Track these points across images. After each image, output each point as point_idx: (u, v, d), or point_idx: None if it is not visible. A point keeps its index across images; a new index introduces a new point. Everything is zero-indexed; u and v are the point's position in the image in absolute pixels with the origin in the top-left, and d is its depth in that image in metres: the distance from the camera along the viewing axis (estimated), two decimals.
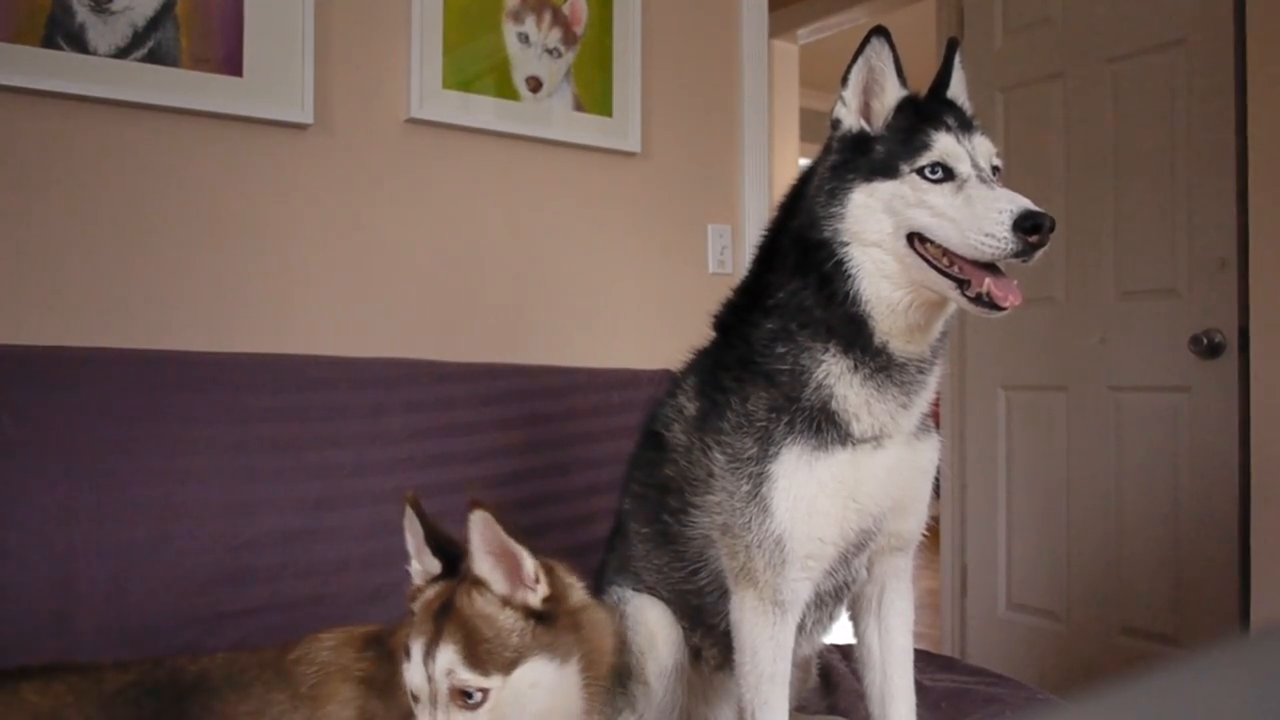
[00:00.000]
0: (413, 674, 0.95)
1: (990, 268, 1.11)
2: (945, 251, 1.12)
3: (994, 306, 1.11)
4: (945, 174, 1.13)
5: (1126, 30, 2.72)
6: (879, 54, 1.19)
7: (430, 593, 1.02)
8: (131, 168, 1.84)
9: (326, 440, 1.65)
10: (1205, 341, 2.51)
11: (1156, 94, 2.65)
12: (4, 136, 1.73)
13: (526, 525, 1.78)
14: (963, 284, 1.12)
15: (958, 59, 1.25)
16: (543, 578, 1.00)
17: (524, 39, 2.26)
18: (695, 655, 1.37)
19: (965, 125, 1.18)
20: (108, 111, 1.81)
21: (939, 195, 1.12)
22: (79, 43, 1.77)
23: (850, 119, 1.20)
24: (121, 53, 1.80)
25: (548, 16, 2.29)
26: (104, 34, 1.79)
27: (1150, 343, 2.67)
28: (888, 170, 1.15)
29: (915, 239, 1.14)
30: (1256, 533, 2.37)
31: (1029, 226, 1.06)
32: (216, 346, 1.80)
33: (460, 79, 2.17)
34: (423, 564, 1.06)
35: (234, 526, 1.53)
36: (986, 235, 1.08)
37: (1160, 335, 2.64)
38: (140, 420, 1.51)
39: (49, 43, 1.74)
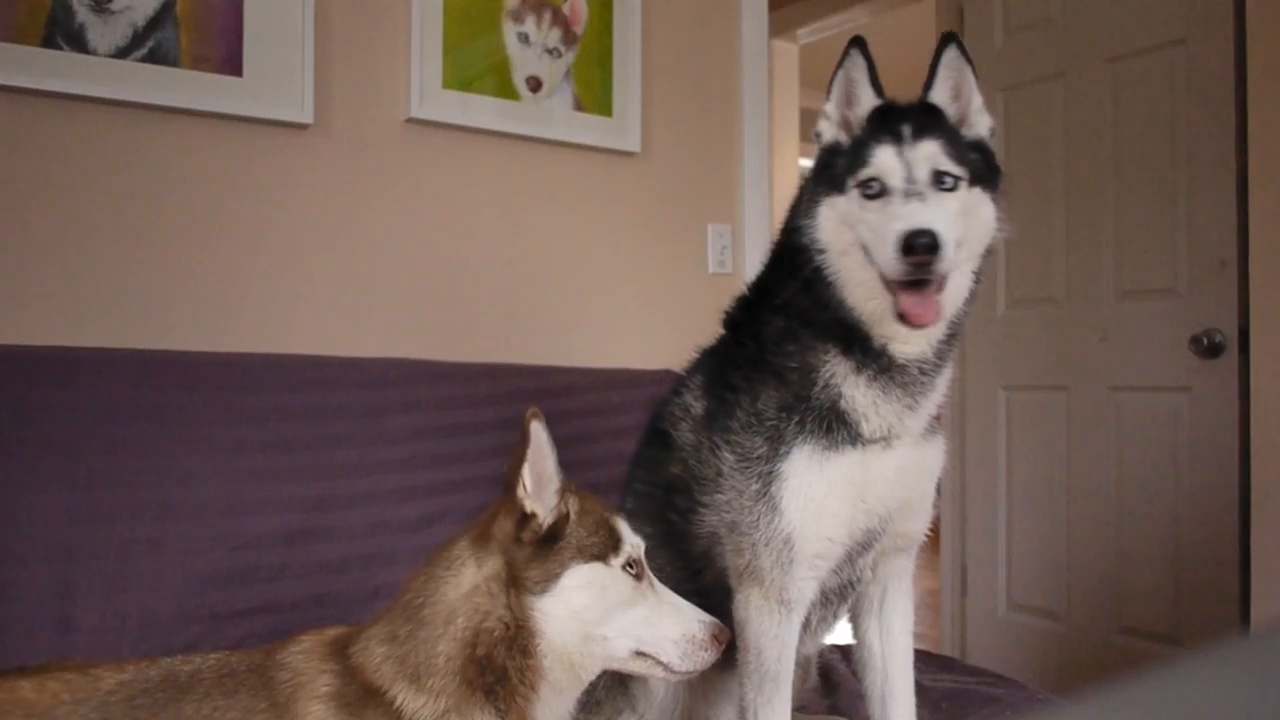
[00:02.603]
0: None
1: (917, 284, 1.09)
2: None
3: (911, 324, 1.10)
4: (881, 189, 1.13)
5: (1126, 30, 2.72)
6: (855, 64, 1.21)
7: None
8: (131, 168, 1.84)
9: (326, 440, 1.65)
10: (1205, 341, 2.51)
11: (1156, 94, 2.65)
12: (4, 136, 1.73)
13: None
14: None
15: (951, 52, 1.21)
16: None
17: (524, 39, 2.26)
18: None
19: (921, 131, 1.14)
20: (108, 111, 1.81)
21: (871, 212, 1.13)
22: (79, 43, 1.77)
23: (830, 131, 1.22)
24: (121, 53, 1.80)
25: (548, 16, 2.29)
26: (104, 34, 1.79)
27: (1150, 343, 2.67)
28: (839, 184, 1.17)
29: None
30: (1256, 533, 2.37)
31: (905, 248, 1.06)
32: (216, 346, 1.80)
33: (460, 79, 2.17)
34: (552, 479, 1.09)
35: (234, 526, 1.53)
36: (887, 256, 1.08)
37: (1160, 335, 2.64)
38: (140, 420, 1.51)
39: (49, 43, 1.74)
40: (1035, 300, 2.98)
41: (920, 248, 1.05)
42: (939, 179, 1.12)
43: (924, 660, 1.60)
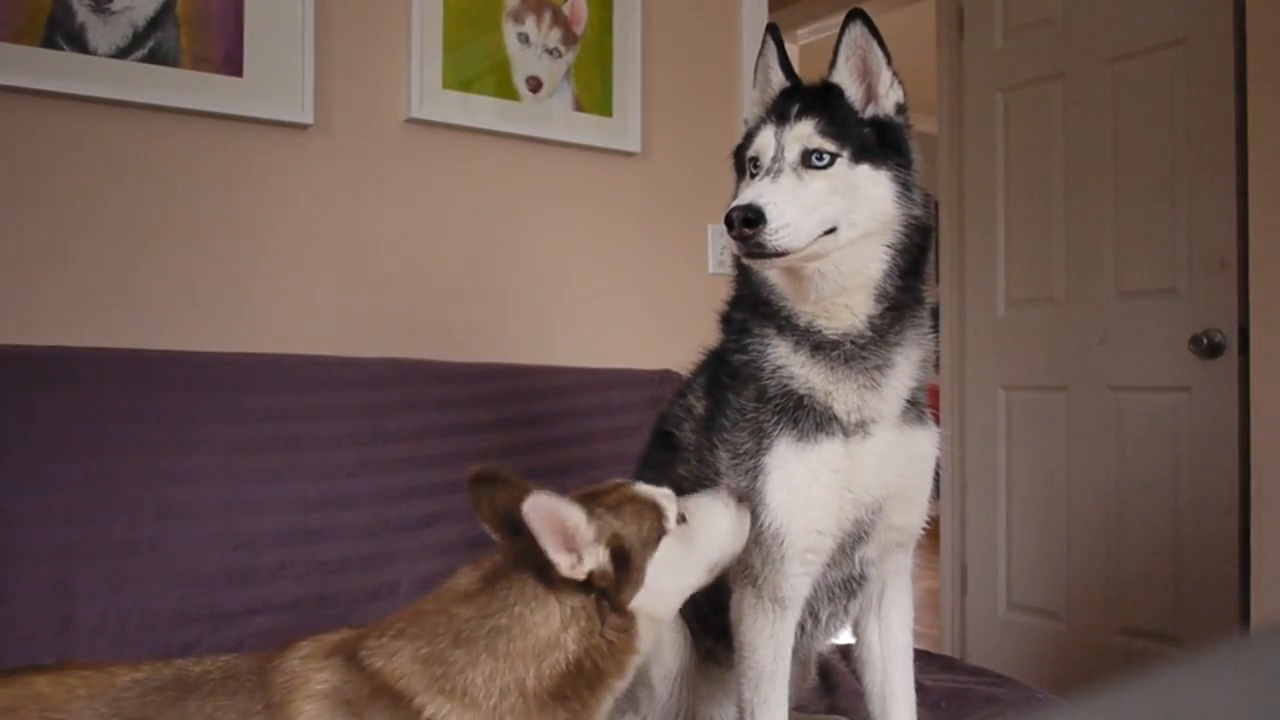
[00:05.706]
0: None
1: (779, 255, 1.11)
2: None
3: None
4: (757, 168, 1.17)
5: (1126, 30, 2.72)
6: (768, 50, 1.26)
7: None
8: (131, 168, 1.84)
9: (326, 440, 1.65)
10: (1205, 341, 2.51)
11: (1156, 94, 2.65)
12: (4, 136, 1.73)
13: None
14: None
15: (855, 29, 1.20)
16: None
17: (524, 39, 2.26)
18: (706, 656, 1.36)
19: (805, 111, 1.15)
20: (108, 111, 1.81)
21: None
22: (79, 43, 1.77)
23: (752, 115, 1.26)
24: (121, 53, 1.80)
25: (548, 16, 2.29)
26: (104, 34, 1.79)
27: (1150, 343, 2.67)
28: (741, 166, 1.22)
29: None
30: (1256, 533, 2.37)
31: (726, 221, 1.09)
32: (216, 346, 1.80)
33: (460, 79, 2.18)
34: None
35: (234, 526, 1.53)
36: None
37: (1160, 335, 2.64)
38: (140, 420, 1.51)
39: (49, 43, 1.74)
40: (1035, 300, 2.98)
41: (734, 220, 1.07)
42: (809, 157, 1.13)
43: (924, 660, 1.60)
